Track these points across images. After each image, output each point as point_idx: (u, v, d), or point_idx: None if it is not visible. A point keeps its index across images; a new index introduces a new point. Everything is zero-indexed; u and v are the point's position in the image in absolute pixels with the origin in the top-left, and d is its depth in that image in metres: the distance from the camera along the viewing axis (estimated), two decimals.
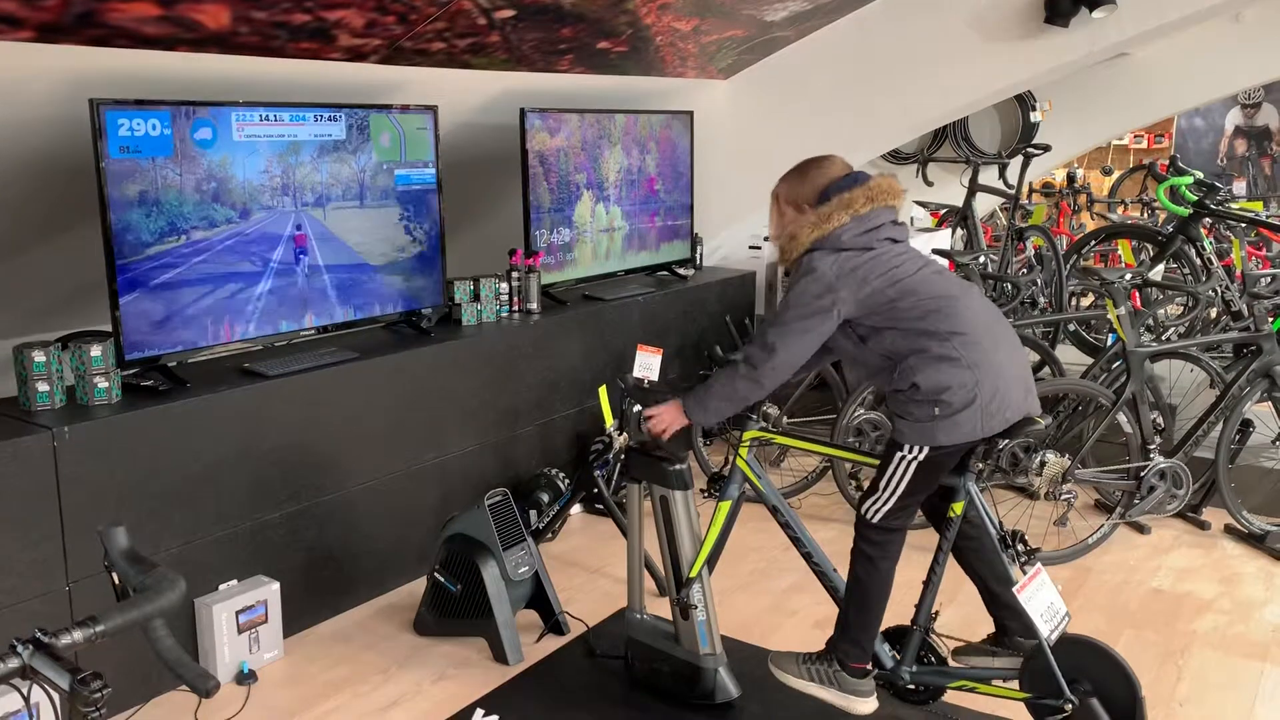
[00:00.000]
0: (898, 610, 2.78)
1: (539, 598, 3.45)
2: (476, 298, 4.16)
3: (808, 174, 2.72)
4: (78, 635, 1.35)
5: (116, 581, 1.54)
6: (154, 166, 3.04)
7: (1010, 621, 2.78)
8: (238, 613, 3.16)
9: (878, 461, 2.86)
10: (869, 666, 2.71)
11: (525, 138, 4.35)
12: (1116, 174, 10.21)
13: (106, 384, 2.97)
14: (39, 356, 2.87)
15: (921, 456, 2.56)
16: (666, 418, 2.85)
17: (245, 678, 3.15)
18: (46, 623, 1.41)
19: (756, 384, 2.66)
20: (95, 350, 2.94)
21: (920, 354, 2.53)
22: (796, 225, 2.62)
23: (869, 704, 2.71)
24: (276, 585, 3.27)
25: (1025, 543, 2.63)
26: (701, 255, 5.55)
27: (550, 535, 4.14)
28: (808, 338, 2.59)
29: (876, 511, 2.63)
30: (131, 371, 3.10)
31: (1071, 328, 5.46)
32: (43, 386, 2.88)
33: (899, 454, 2.58)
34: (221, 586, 3.19)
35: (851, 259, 2.56)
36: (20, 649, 1.32)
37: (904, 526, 2.67)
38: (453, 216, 4.23)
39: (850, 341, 2.64)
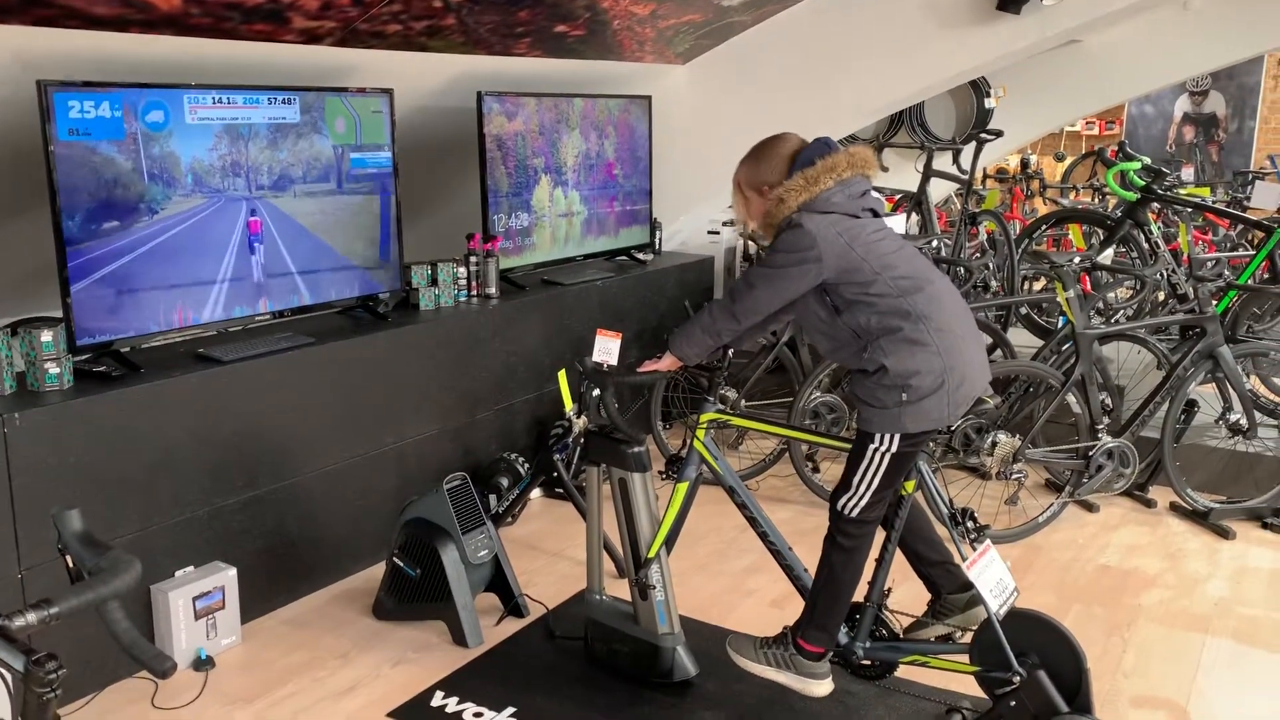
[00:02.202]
0: None
1: (498, 581, 3.47)
2: (434, 282, 4.15)
3: (764, 154, 2.73)
4: (32, 617, 1.35)
5: (71, 564, 1.53)
6: (104, 149, 3.01)
7: (940, 579, 2.85)
8: (194, 599, 3.14)
9: (834, 443, 2.91)
10: (825, 651, 2.74)
11: (482, 121, 4.33)
12: (1069, 160, 10.36)
13: (58, 370, 2.94)
14: None
15: (894, 448, 2.58)
16: (660, 365, 2.92)
17: (203, 664, 3.14)
18: None
19: (732, 317, 2.71)
20: (46, 336, 2.91)
21: (892, 335, 2.54)
22: (782, 189, 2.62)
23: (825, 686, 2.74)
24: (234, 571, 3.25)
25: (975, 519, 2.69)
26: (660, 240, 5.57)
27: (510, 519, 4.15)
28: (786, 285, 2.60)
29: (854, 507, 2.65)
30: (83, 357, 3.06)
31: (1023, 311, 5.55)
32: None
33: (871, 446, 2.60)
34: (178, 573, 3.18)
35: (840, 222, 2.57)
36: None
37: (879, 518, 2.70)
38: (410, 201, 4.22)
39: (824, 310, 2.64)
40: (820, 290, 2.62)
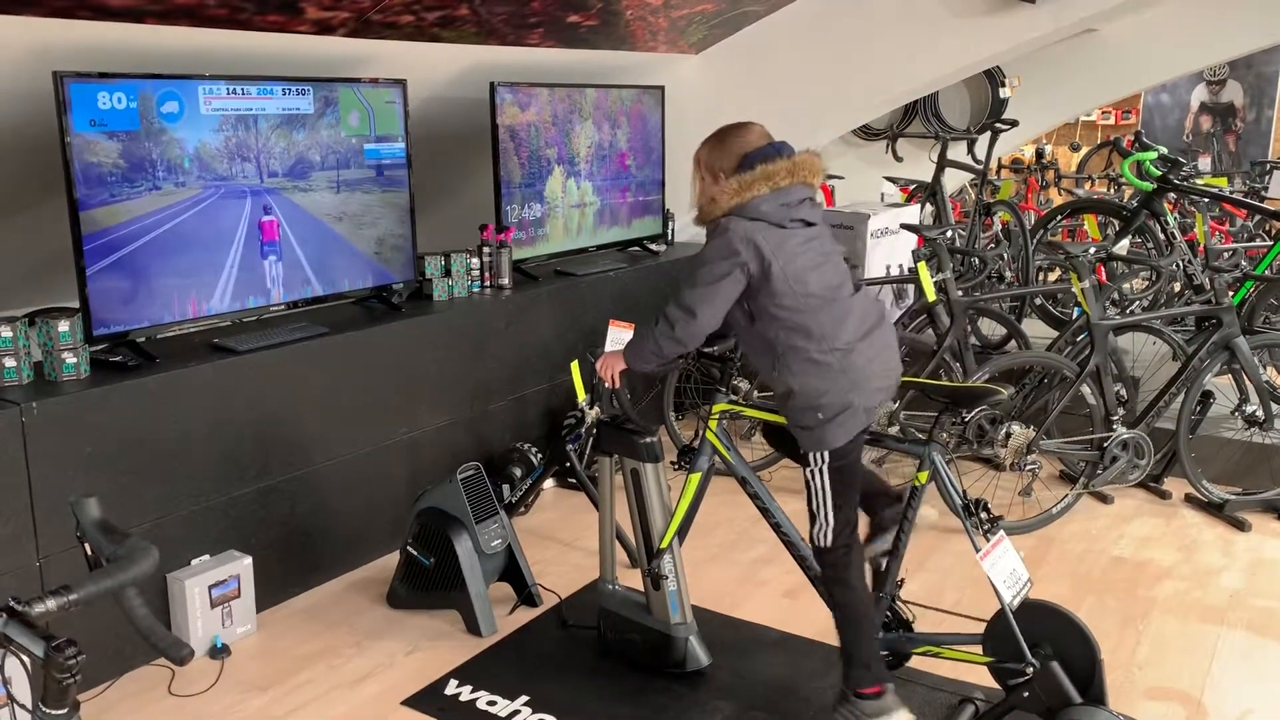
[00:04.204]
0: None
1: (512, 570, 3.48)
2: (448, 273, 4.16)
3: (725, 141, 2.72)
4: (51, 604, 1.36)
5: (89, 552, 1.55)
6: (120, 140, 3.02)
7: (876, 505, 2.90)
8: (210, 587, 3.16)
9: None
10: (883, 688, 2.67)
11: (495, 112, 4.33)
12: (1084, 150, 10.30)
13: (75, 359, 2.96)
14: (6, 332, 2.85)
15: (827, 463, 2.62)
16: (609, 363, 2.92)
17: (218, 652, 3.16)
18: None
19: (679, 343, 2.71)
20: (63, 326, 2.93)
21: (796, 353, 2.58)
22: (716, 190, 2.64)
23: (902, 715, 2.68)
24: (249, 560, 3.27)
25: (988, 511, 2.67)
26: (673, 231, 5.56)
27: (523, 509, 4.16)
28: (720, 300, 2.61)
29: (825, 535, 2.67)
30: (100, 347, 3.08)
31: (1038, 301, 5.52)
32: (10, 362, 2.86)
33: (809, 470, 2.66)
34: (194, 561, 3.20)
35: (763, 229, 2.57)
36: None
37: (856, 539, 2.72)
38: (423, 192, 4.22)
39: (744, 317, 2.67)
40: (741, 296, 2.63)
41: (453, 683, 3.03)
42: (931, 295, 4.43)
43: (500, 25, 4.15)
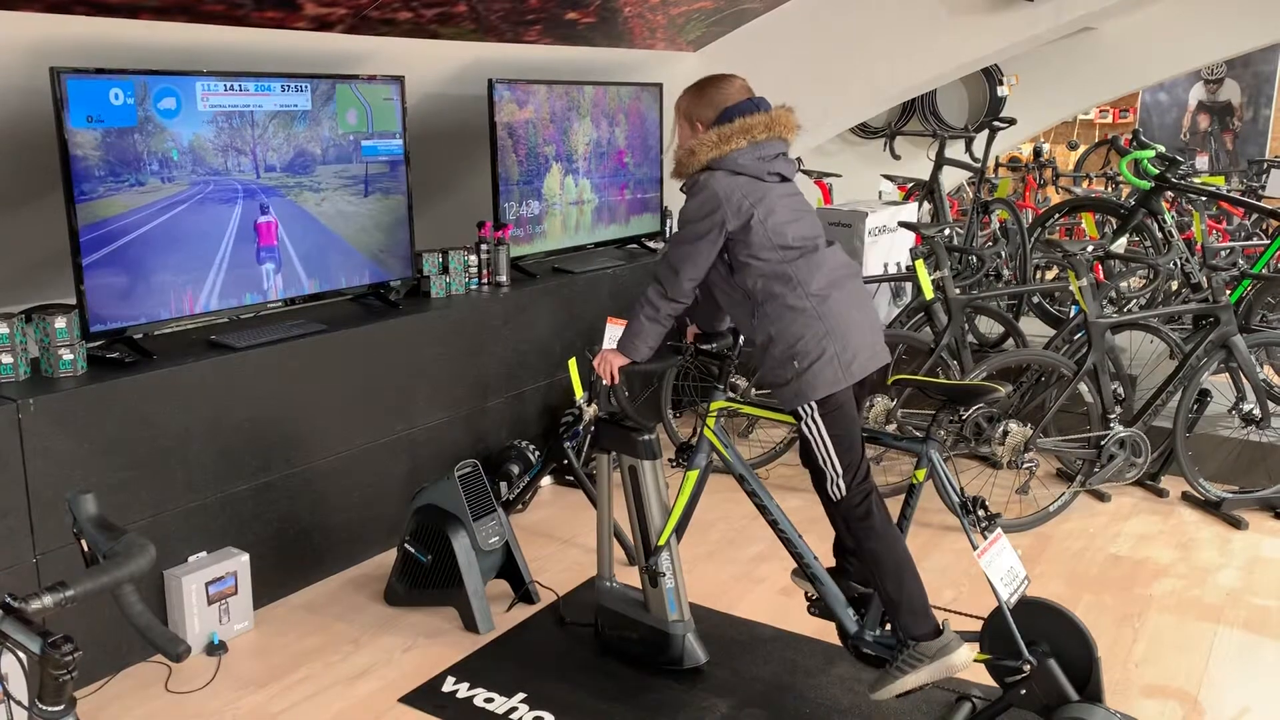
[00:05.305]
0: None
1: (509, 568, 3.48)
2: (445, 270, 4.15)
3: (706, 92, 2.76)
4: (48, 600, 1.36)
5: (86, 548, 1.54)
6: (117, 136, 3.01)
7: (847, 564, 2.90)
8: (207, 584, 3.16)
9: None
10: (936, 628, 2.65)
11: (493, 109, 4.33)
12: (1082, 148, 10.30)
13: (71, 356, 2.95)
14: (2, 329, 2.84)
15: (817, 410, 2.63)
16: (607, 359, 2.90)
17: (215, 649, 3.15)
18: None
19: (671, 300, 2.75)
20: (60, 322, 2.92)
21: (773, 300, 2.61)
22: (695, 142, 2.67)
23: (962, 654, 2.62)
24: (246, 557, 3.27)
25: (985, 508, 2.67)
26: (671, 228, 5.56)
27: (521, 506, 4.16)
28: (702, 257, 2.66)
29: (838, 486, 2.67)
30: (97, 343, 3.08)
31: (1035, 300, 5.53)
32: (6, 359, 2.86)
33: (802, 425, 2.66)
34: (191, 558, 3.20)
35: (743, 184, 2.62)
36: None
37: (870, 483, 2.71)
38: (421, 188, 4.22)
39: (723, 267, 2.69)
40: (720, 248, 2.67)
41: (450, 680, 3.02)
42: (929, 293, 4.43)
43: (498, 22, 4.15)
